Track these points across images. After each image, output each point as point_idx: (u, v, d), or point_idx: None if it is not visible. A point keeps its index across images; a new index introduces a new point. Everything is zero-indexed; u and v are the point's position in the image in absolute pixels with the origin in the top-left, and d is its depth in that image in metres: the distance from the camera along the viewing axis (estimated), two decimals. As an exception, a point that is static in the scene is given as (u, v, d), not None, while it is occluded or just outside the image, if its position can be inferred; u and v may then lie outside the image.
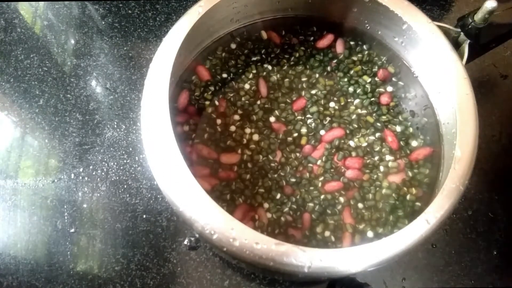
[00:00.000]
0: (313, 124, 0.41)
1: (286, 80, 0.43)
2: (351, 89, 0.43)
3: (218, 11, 0.38)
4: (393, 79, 0.43)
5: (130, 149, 0.45)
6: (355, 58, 0.44)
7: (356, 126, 0.41)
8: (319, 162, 0.39)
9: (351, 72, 0.44)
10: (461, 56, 0.38)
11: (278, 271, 0.28)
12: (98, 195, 0.43)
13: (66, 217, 0.42)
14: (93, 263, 0.40)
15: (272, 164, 0.39)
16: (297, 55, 0.44)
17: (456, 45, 0.39)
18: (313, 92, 0.43)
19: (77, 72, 0.49)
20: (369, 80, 0.43)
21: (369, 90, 0.43)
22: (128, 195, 0.43)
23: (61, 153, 0.45)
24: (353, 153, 0.40)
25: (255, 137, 0.40)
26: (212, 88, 0.42)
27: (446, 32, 0.38)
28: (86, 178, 0.44)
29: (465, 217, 0.43)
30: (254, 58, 0.44)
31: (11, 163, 0.45)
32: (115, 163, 0.44)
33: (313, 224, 0.37)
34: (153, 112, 0.32)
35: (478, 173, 0.45)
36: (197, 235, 0.39)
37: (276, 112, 0.41)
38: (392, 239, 0.28)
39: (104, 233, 0.41)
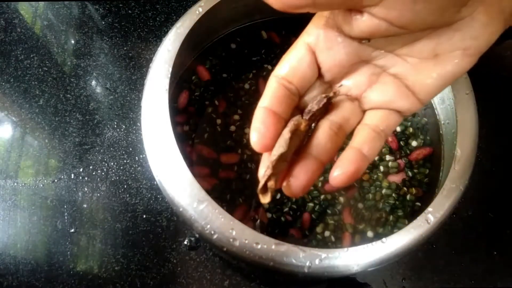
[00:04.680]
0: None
1: (286, 80, 0.43)
2: (351, 89, 0.43)
3: (218, 11, 0.38)
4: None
5: (130, 149, 0.45)
6: (355, 58, 0.44)
7: (356, 126, 0.41)
8: (319, 162, 0.39)
9: (351, 72, 0.43)
10: (461, 56, 0.38)
11: (278, 271, 0.28)
12: (98, 195, 0.43)
13: (66, 217, 0.42)
14: (93, 263, 0.40)
15: (272, 164, 0.39)
16: (297, 55, 0.44)
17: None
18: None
19: (77, 72, 0.49)
20: (369, 80, 0.43)
21: (369, 90, 0.42)
22: (128, 195, 0.43)
23: (61, 153, 0.45)
24: (353, 153, 0.40)
25: (255, 137, 0.40)
26: (212, 88, 0.42)
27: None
28: (86, 178, 0.44)
29: (465, 217, 0.43)
30: (254, 58, 0.44)
31: (11, 163, 0.45)
32: (115, 163, 0.44)
33: (313, 224, 0.37)
34: (153, 112, 0.32)
35: (478, 173, 0.45)
36: (197, 235, 0.39)
37: (276, 112, 0.41)
38: (392, 239, 0.29)
39: (104, 233, 0.41)
